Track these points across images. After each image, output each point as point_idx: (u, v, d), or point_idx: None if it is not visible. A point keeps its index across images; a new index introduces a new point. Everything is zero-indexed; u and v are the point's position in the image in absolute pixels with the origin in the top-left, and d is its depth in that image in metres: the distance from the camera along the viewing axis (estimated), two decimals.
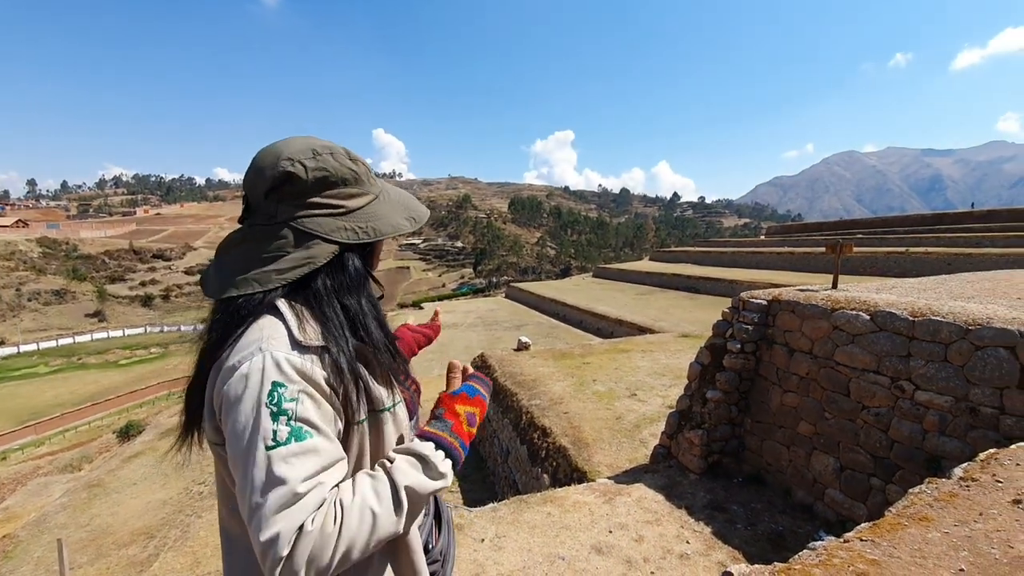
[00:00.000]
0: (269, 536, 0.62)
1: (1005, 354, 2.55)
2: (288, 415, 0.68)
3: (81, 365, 39.18)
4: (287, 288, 0.79)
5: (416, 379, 1.03)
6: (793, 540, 3.22)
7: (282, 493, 0.64)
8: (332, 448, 0.71)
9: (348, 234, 0.82)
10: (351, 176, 0.85)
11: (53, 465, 17.40)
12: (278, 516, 0.63)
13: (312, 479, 0.67)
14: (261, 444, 0.66)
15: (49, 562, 7.82)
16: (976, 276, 4.88)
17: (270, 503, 0.64)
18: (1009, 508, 1.48)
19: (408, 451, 0.78)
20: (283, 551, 0.62)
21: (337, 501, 0.68)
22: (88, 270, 62.85)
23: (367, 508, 0.69)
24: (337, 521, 0.66)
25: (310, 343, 0.74)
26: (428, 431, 0.82)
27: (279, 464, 0.65)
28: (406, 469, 0.75)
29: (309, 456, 0.67)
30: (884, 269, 18.73)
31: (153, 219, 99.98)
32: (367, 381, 0.80)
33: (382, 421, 0.82)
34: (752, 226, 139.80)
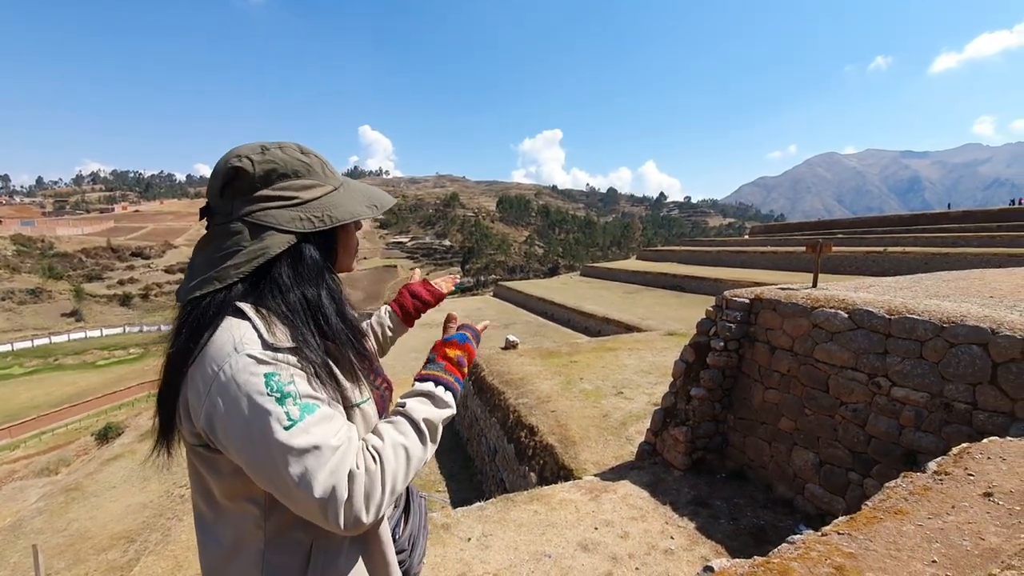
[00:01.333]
0: (323, 492, 0.67)
1: (978, 351, 2.62)
2: (292, 396, 0.70)
3: (57, 366, 38.12)
4: (248, 283, 0.80)
5: (388, 378, 1.04)
6: (774, 534, 3.27)
7: (319, 455, 0.68)
8: (340, 412, 0.78)
9: (303, 223, 0.83)
10: (302, 168, 0.86)
11: (29, 469, 16.93)
12: (324, 473, 0.68)
13: (338, 435, 0.72)
14: (278, 428, 0.68)
15: (25, 568, 7.61)
16: (951, 275, 5.01)
17: (311, 468, 0.68)
18: (980, 501, 1.52)
19: (414, 392, 0.90)
20: (342, 498, 0.68)
21: (371, 446, 0.77)
22: (64, 268, 61.11)
23: (399, 444, 0.78)
24: (378, 461, 0.74)
25: (281, 345, 0.75)
26: (425, 373, 0.94)
27: (303, 436, 0.68)
28: (418, 407, 0.86)
29: (327, 421, 0.72)
30: (863, 268, 19.13)
31: (132, 216, 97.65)
32: (338, 378, 0.81)
33: (360, 414, 0.84)
34: (737, 226, 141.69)
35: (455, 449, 8.58)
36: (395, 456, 0.77)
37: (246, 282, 0.80)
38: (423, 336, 6.01)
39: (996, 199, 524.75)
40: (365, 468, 0.72)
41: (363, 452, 0.75)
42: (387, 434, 0.80)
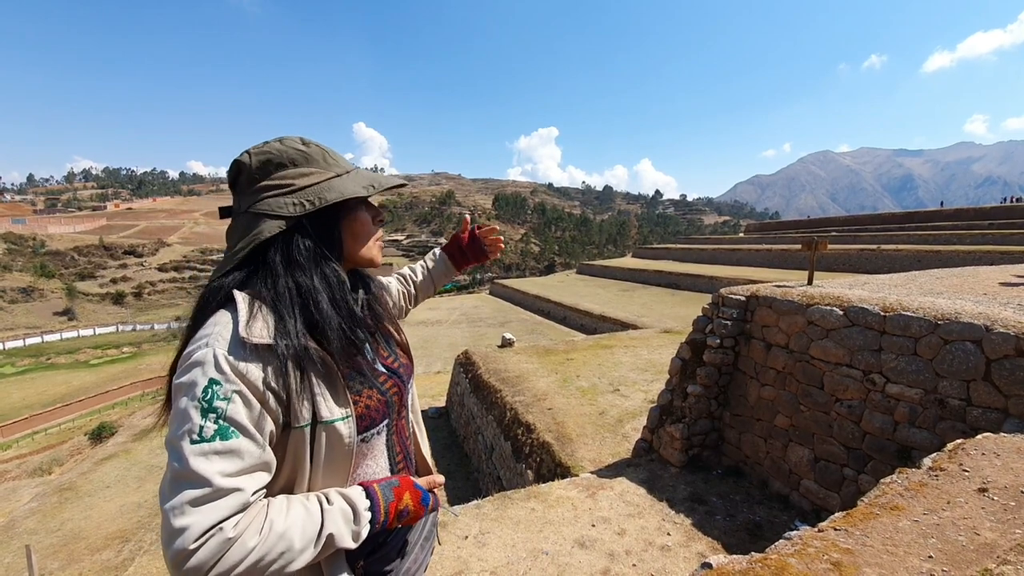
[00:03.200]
0: (179, 526, 0.62)
1: (972, 348, 2.64)
2: (217, 413, 0.68)
3: (50, 365, 37.82)
4: (246, 271, 0.82)
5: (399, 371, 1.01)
6: (770, 530, 3.29)
7: (200, 487, 0.65)
8: (257, 452, 0.71)
9: (294, 208, 0.83)
10: (299, 156, 0.87)
11: (22, 469, 16.81)
12: (192, 509, 0.63)
13: (231, 478, 0.67)
14: (187, 438, 0.67)
15: (19, 568, 7.56)
16: (945, 272, 5.04)
17: (186, 495, 0.64)
18: (975, 496, 1.54)
19: (349, 499, 0.79)
20: (190, 544, 0.62)
21: (269, 520, 0.69)
22: (56, 267, 60.55)
23: (292, 539, 0.69)
24: (259, 538, 0.67)
25: (254, 340, 0.73)
26: (375, 492, 0.84)
27: (199, 459, 0.66)
28: (337, 518, 0.76)
29: (231, 456, 0.68)
30: (857, 266, 19.26)
31: (124, 214, 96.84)
32: (313, 386, 0.78)
33: (326, 434, 0.80)
34: (732, 223, 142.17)
35: (452, 447, 8.57)
36: (277, 549, 0.68)
37: (243, 269, 0.82)
38: (422, 334, 5.99)
39: (988, 197, 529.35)
40: (242, 537, 0.65)
41: (257, 520, 0.68)
42: (291, 522, 0.71)
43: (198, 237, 79.93)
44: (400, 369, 1.00)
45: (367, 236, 0.94)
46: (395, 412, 0.96)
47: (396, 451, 0.99)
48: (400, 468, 1.00)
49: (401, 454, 1.01)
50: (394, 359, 1.01)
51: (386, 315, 1.05)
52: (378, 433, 0.92)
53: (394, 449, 0.99)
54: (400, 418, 1.01)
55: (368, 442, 0.90)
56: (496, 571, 3.00)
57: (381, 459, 0.95)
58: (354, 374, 0.87)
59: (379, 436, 0.93)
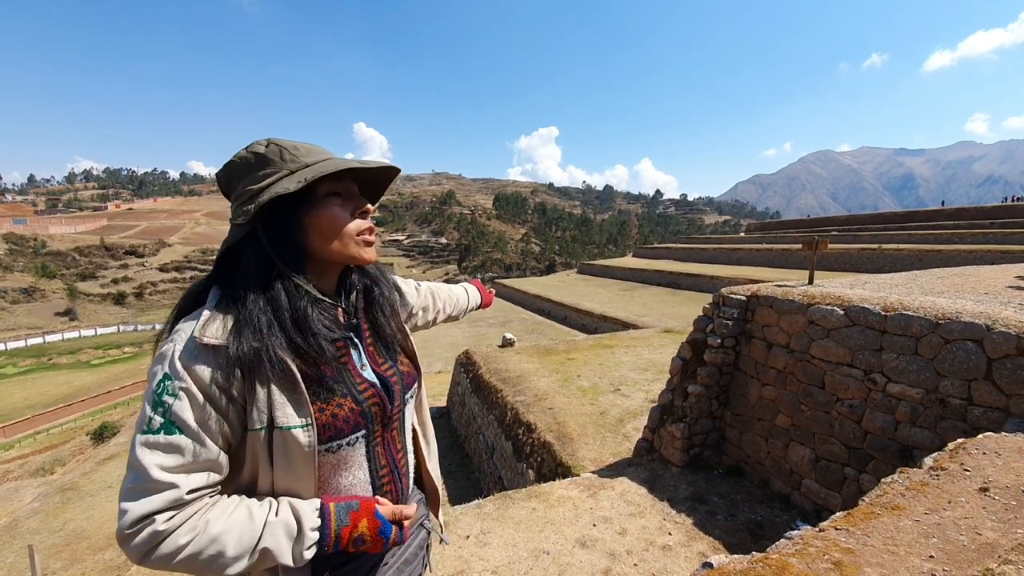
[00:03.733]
0: (121, 509, 0.69)
1: (973, 347, 2.64)
2: (164, 407, 0.71)
3: (51, 365, 37.89)
4: (223, 276, 0.84)
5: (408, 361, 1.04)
6: (771, 530, 3.29)
7: (138, 476, 0.69)
8: (200, 451, 0.72)
9: (240, 217, 0.83)
10: (257, 160, 0.84)
11: (24, 469, 16.84)
12: (131, 496, 0.69)
13: (168, 473, 0.70)
14: (139, 428, 0.72)
15: (22, 568, 7.58)
16: (946, 272, 5.04)
17: (128, 481, 0.70)
18: (977, 496, 1.54)
19: (297, 514, 0.77)
20: (126, 530, 0.68)
21: (205, 520, 0.71)
22: (58, 267, 60.64)
23: (225, 544, 0.71)
24: (191, 536, 0.69)
25: (208, 341, 0.75)
26: (329, 512, 0.80)
27: (142, 449, 0.70)
28: (278, 532, 0.75)
29: (171, 451, 0.71)
30: (858, 265, 19.24)
31: (125, 214, 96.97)
32: (270, 391, 0.77)
33: (283, 440, 0.78)
34: (732, 223, 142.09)
35: (453, 447, 8.58)
36: (207, 551, 0.69)
37: (219, 275, 0.85)
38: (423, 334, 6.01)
39: (989, 196, 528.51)
40: (174, 532, 0.68)
41: (194, 518, 0.70)
42: (228, 525, 0.71)
43: (199, 237, 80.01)
44: (392, 378, 0.96)
45: (337, 232, 0.86)
46: (376, 423, 0.91)
47: (380, 464, 0.93)
48: (384, 483, 0.94)
49: (387, 468, 0.95)
50: (390, 367, 0.97)
51: (389, 321, 1.00)
52: (350, 444, 0.86)
53: (377, 462, 0.93)
54: (388, 430, 0.95)
55: (337, 452, 0.85)
56: (497, 570, 3.00)
57: (359, 472, 0.89)
58: (324, 381, 0.83)
59: (353, 448, 0.87)
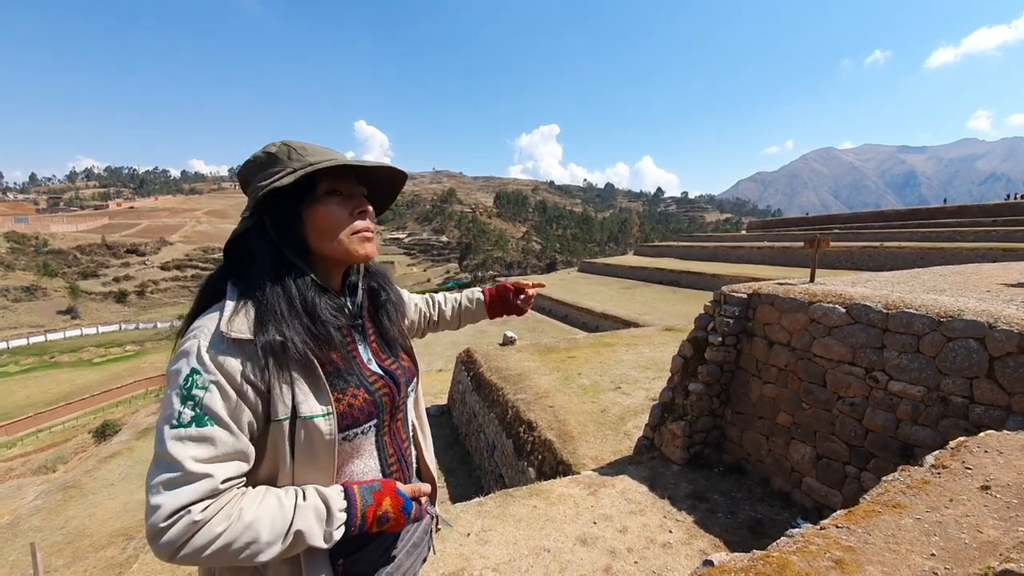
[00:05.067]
0: (153, 504, 0.68)
1: (975, 345, 2.63)
2: (194, 401, 0.72)
3: (53, 364, 38.00)
4: (238, 274, 0.86)
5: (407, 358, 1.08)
6: (772, 528, 3.29)
7: (173, 470, 0.69)
8: (232, 441, 0.74)
9: (247, 211, 0.88)
10: (267, 159, 0.89)
11: (26, 467, 16.91)
12: (163, 489, 0.68)
13: (202, 464, 0.71)
14: (167, 422, 0.71)
15: (24, 566, 7.61)
16: (948, 270, 5.03)
17: (161, 476, 0.69)
18: (978, 494, 1.53)
19: (324, 498, 0.80)
20: (160, 523, 0.67)
21: (239, 508, 0.72)
22: (59, 265, 60.77)
23: (259, 530, 0.72)
24: (226, 524, 0.70)
25: (234, 335, 0.77)
26: (354, 493, 0.83)
27: (175, 443, 0.70)
28: (309, 515, 0.77)
29: (204, 443, 0.72)
30: (859, 263, 19.20)
31: (126, 213, 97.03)
32: (293, 381, 0.80)
33: (305, 429, 0.81)
34: (734, 221, 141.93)
35: (453, 445, 8.59)
36: (242, 538, 0.71)
37: (232, 267, 0.88)
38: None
39: (992, 194, 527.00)
40: (209, 522, 0.69)
41: (228, 507, 0.71)
42: (261, 512, 0.73)
43: (200, 236, 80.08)
44: (397, 372, 1.01)
45: (334, 229, 0.89)
46: (385, 413, 0.95)
47: (388, 453, 0.98)
48: (393, 471, 0.99)
49: (394, 456, 1.00)
50: (393, 362, 1.02)
51: (391, 319, 1.06)
52: (364, 433, 0.91)
53: (386, 451, 0.98)
54: (395, 420, 1.00)
55: (352, 441, 0.89)
56: (498, 568, 3.01)
57: (370, 460, 0.94)
58: (339, 372, 0.87)
59: (366, 436, 0.92)
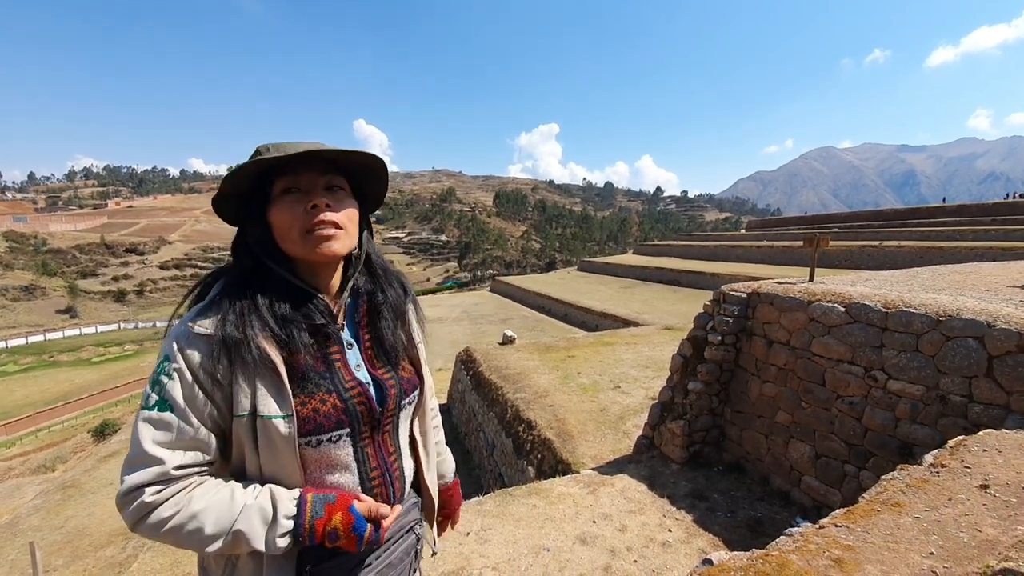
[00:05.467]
0: (120, 478, 0.75)
1: (974, 344, 2.63)
2: (160, 386, 0.77)
3: (52, 363, 37.95)
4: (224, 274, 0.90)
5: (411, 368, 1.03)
6: (771, 526, 3.30)
7: (134, 447, 0.76)
8: (188, 430, 0.77)
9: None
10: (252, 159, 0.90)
11: (25, 466, 16.90)
12: (128, 467, 0.75)
13: (158, 447, 0.75)
14: (142, 404, 0.78)
15: (23, 565, 7.60)
16: (947, 269, 5.03)
17: (128, 454, 0.77)
18: (977, 493, 1.53)
19: (274, 500, 0.79)
20: (119, 499, 0.74)
21: (189, 497, 0.76)
22: (58, 265, 60.67)
23: (203, 523, 0.75)
24: (174, 511, 0.74)
25: (197, 330, 0.80)
26: (305, 502, 0.81)
27: (141, 424, 0.76)
28: (253, 516, 0.77)
29: (161, 427, 0.76)
30: (859, 262, 19.21)
31: (125, 212, 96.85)
32: (253, 379, 0.80)
33: (265, 428, 0.80)
34: (733, 220, 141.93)
35: (452, 444, 8.59)
36: (187, 528, 0.74)
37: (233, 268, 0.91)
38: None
39: (991, 193, 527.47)
40: (157, 506, 0.74)
41: (179, 496, 0.75)
42: (208, 505, 0.75)
43: (199, 235, 79.97)
44: (388, 381, 0.95)
45: (287, 229, 0.84)
46: (361, 423, 0.90)
47: (371, 466, 0.92)
48: (375, 484, 0.93)
49: (378, 470, 0.93)
50: (387, 370, 0.96)
51: (391, 328, 0.99)
52: (332, 441, 0.86)
53: (367, 463, 0.92)
54: (378, 432, 0.94)
55: (318, 448, 0.85)
56: (498, 567, 3.01)
57: (347, 472, 0.89)
58: (309, 375, 0.85)
59: (337, 444, 0.87)
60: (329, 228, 0.85)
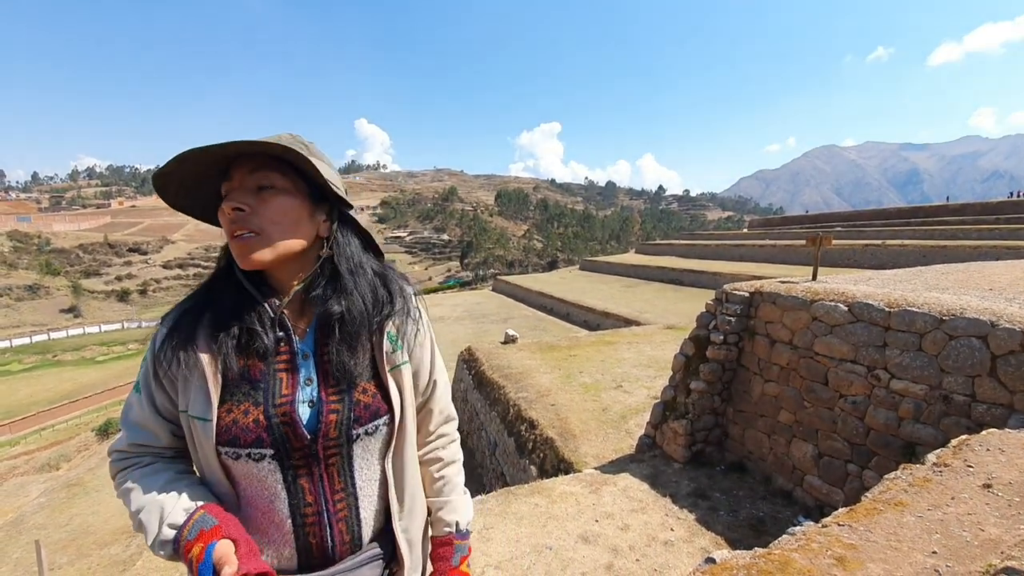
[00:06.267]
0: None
1: (977, 343, 2.63)
2: (141, 368, 0.85)
3: (56, 362, 38.10)
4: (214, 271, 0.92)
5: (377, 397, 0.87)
6: (774, 526, 3.30)
7: (123, 413, 0.86)
8: (141, 412, 0.84)
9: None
10: None
11: (30, 465, 16.97)
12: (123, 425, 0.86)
13: (127, 423, 0.85)
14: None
15: (28, 563, 7.65)
16: (950, 268, 5.02)
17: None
18: (980, 492, 1.53)
19: (174, 504, 0.77)
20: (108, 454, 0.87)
21: (133, 474, 0.82)
22: (62, 264, 60.90)
23: (129, 501, 0.80)
24: (121, 483, 0.82)
25: (163, 327, 0.85)
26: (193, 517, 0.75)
27: (128, 397, 0.86)
28: (153, 511, 0.77)
29: (130, 405, 0.85)
30: (861, 261, 19.14)
31: (128, 211, 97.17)
32: (188, 377, 0.80)
33: (192, 427, 0.80)
34: (735, 219, 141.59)
35: None
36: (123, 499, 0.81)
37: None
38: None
39: (995, 191, 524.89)
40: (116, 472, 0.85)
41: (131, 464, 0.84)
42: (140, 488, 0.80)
43: (202, 235, 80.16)
44: (333, 405, 0.82)
45: (225, 230, 0.80)
46: (289, 447, 0.79)
47: (305, 500, 0.81)
48: (308, 522, 0.81)
49: (313, 508, 0.81)
50: (339, 392, 0.83)
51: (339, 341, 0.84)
52: (253, 458, 0.78)
53: (299, 496, 0.81)
54: (317, 462, 0.82)
55: (237, 461, 0.79)
56: (500, 565, 3.02)
57: (276, 500, 0.80)
58: (238, 382, 0.80)
59: (261, 466, 0.79)
60: (244, 235, 0.78)
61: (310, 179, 0.85)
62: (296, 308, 0.87)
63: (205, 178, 0.82)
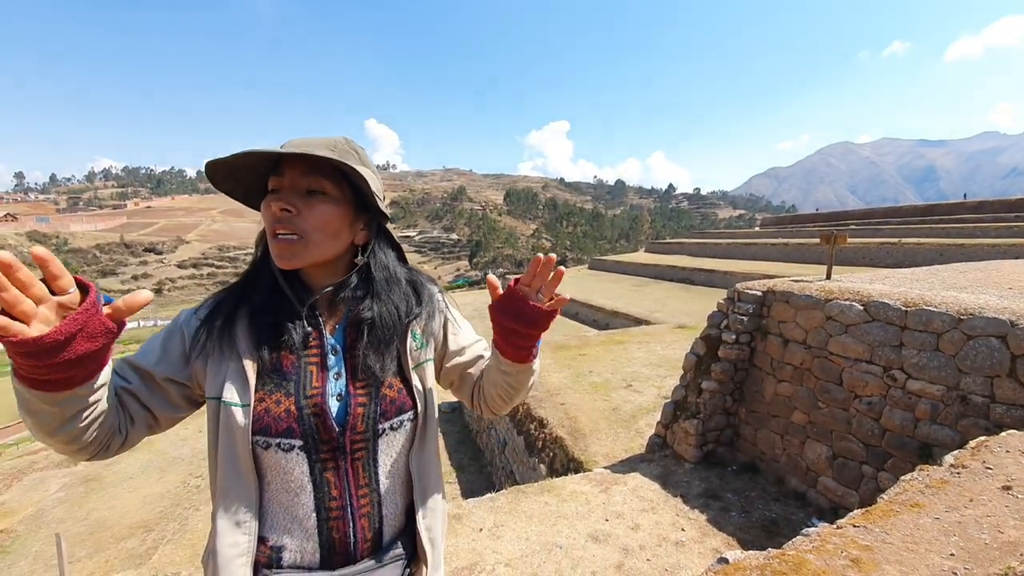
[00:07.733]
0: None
1: (997, 343, 2.58)
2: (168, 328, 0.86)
3: None
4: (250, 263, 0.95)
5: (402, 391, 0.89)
6: (787, 527, 3.27)
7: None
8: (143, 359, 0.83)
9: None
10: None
11: (48, 460, 17.31)
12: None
13: (134, 356, 0.84)
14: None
15: (48, 556, 7.82)
16: (968, 266, 4.92)
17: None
18: (999, 494, 1.51)
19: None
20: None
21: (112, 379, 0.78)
22: (79, 264, 62.20)
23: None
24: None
25: (199, 312, 0.87)
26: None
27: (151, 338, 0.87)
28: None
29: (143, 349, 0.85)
30: (877, 260, 18.86)
31: (144, 212, 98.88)
32: (225, 366, 0.82)
33: (226, 415, 0.80)
34: (747, 217, 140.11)
35: (465, 441, 8.63)
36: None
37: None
38: None
39: (1014, 189, 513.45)
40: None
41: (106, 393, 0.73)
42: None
43: (216, 235, 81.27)
44: (359, 399, 0.84)
45: (266, 227, 0.83)
46: (317, 439, 0.81)
47: (331, 494, 0.83)
48: (332, 516, 0.83)
49: (338, 502, 0.83)
50: (366, 387, 0.85)
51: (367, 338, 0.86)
52: (283, 449, 0.80)
53: (326, 490, 0.82)
54: (344, 456, 0.83)
55: (269, 451, 0.80)
56: (511, 563, 3.03)
57: (302, 494, 0.82)
58: (272, 372, 0.82)
59: (290, 457, 0.81)
60: (286, 235, 0.79)
61: (356, 188, 0.87)
62: (325, 305, 0.91)
63: (255, 167, 0.84)
